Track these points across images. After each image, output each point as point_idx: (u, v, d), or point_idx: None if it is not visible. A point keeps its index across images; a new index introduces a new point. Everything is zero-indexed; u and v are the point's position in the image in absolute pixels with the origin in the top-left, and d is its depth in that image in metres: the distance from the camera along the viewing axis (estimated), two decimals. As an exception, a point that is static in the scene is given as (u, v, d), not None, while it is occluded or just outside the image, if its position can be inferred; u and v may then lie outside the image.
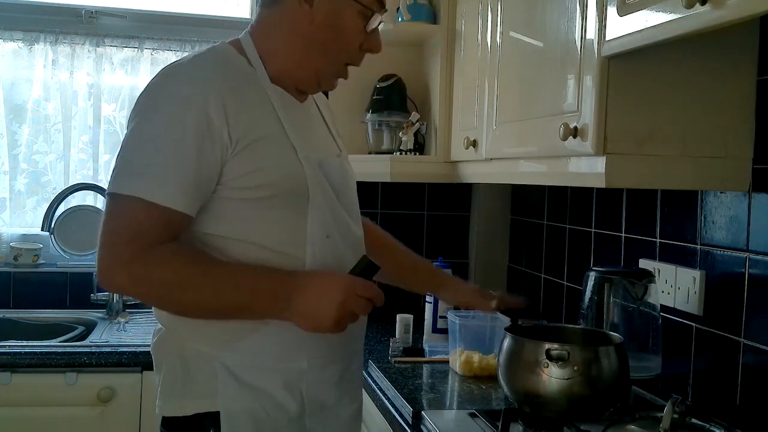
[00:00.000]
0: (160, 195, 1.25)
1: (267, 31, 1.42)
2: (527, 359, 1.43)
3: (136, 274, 1.25)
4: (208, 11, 3.01)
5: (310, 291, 1.28)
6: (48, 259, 2.83)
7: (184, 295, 1.27)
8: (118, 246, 1.25)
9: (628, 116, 1.44)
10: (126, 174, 1.28)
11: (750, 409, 1.54)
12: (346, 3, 1.37)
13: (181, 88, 1.29)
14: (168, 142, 1.27)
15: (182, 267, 1.26)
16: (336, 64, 1.44)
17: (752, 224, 1.54)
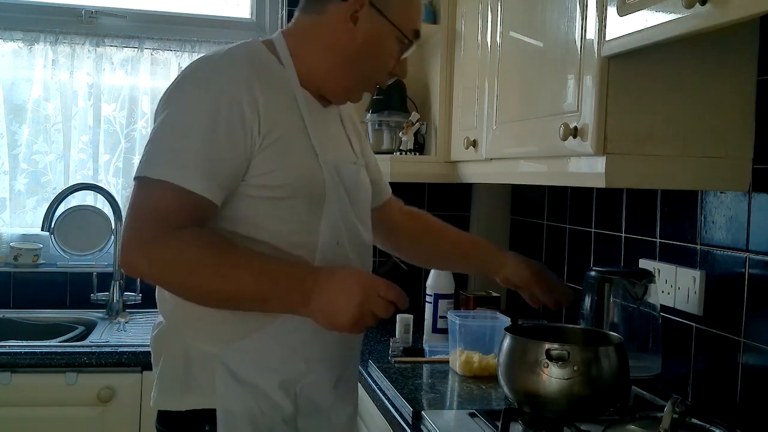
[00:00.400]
0: (189, 180, 1.25)
1: (303, 36, 1.43)
2: (527, 359, 1.43)
3: (156, 255, 1.24)
4: (208, 11, 3.01)
5: (330, 287, 1.26)
6: (48, 259, 2.83)
7: (202, 281, 1.25)
8: (141, 228, 1.25)
9: (628, 116, 1.44)
10: (156, 159, 1.28)
11: (750, 409, 1.54)
12: (388, 28, 1.40)
13: (216, 79, 1.31)
14: (201, 131, 1.28)
15: (202, 252, 1.25)
16: (365, 82, 1.48)
17: (752, 224, 1.54)
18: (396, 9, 1.41)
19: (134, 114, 2.89)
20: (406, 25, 1.42)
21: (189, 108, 1.31)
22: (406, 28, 1.42)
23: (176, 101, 1.33)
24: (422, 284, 2.55)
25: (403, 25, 1.41)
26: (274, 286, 1.26)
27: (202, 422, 1.35)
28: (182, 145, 1.28)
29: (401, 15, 1.41)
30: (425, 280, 2.44)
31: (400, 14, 1.41)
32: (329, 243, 1.38)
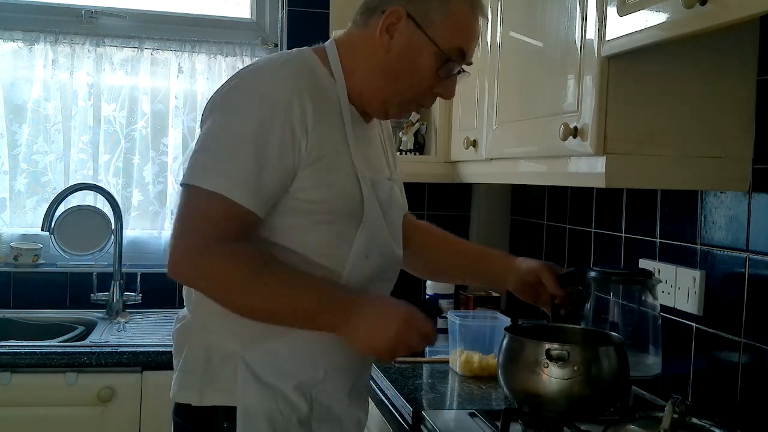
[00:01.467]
0: (240, 194, 1.27)
1: (351, 48, 1.43)
2: (527, 359, 1.43)
3: (206, 267, 1.27)
4: (208, 11, 3.01)
5: (374, 312, 1.32)
6: (48, 259, 2.83)
7: (249, 296, 1.30)
8: (188, 236, 1.27)
9: (628, 116, 1.44)
10: (208, 168, 1.29)
11: (750, 409, 1.54)
12: (425, 42, 1.37)
13: (269, 92, 1.31)
14: (253, 144, 1.28)
15: (251, 267, 1.28)
16: (404, 97, 1.44)
17: (752, 224, 1.54)
18: (437, 24, 1.37)
19: (134, 114, 2.89)
20: (448, 42, 1.38)
21: (243, 119, 1.30)
22: (446, 45, 1.37)
23: (229, 109, 1.33)
24: (422, 284, 2.55)
25: (444, 41, 1.37)
26: (319, 305, 1.31)
27: (221, 418, 1.36)
28: (234, 157, 1.29)
29: (443, 31, 1.37)
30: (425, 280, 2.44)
31: (441, 30, 1.37)
32: (359, 256, 1.40)
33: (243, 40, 2.94)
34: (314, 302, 1.31)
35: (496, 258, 1.73)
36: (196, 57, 2.91)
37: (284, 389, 1.37)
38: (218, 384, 1.37)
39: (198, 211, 1.29)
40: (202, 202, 1.28)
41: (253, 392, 1.36)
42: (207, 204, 1.28)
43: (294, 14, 2.89)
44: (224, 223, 1.27)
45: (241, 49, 2.92)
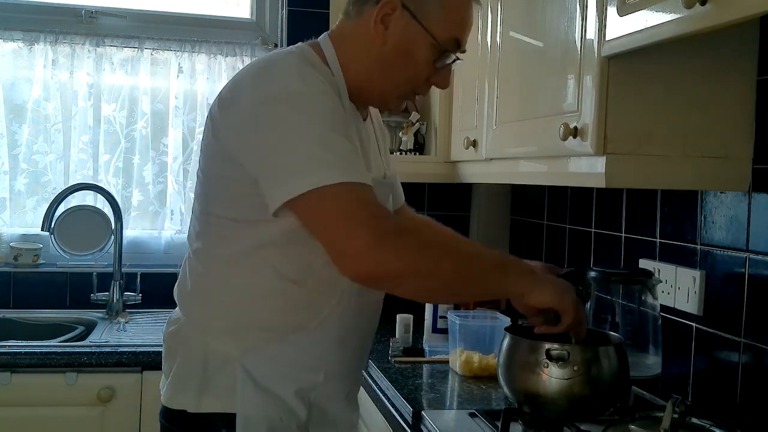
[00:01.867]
0: (358, 174, 1.23)
1: (345, 41, 1.40)
2: (527, 359, 1.43)
3: (400, 244, 1.20)
4: (208, 11, 3.01)
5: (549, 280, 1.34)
6: (48, 259, 2.83)
7: (452, 259, 1.25)
8: (361, 229, 1.18)
9: (628, 116, 1.44)
10: (315, 168, 1.21)
11: (750, 409, 1.54)
12: (421, 33, 1.35)
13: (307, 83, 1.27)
14: (330, 129, 1.24)
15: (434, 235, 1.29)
16: (401, 89, 1.42)
17: (752, 224, 1.54)
18: (433, 14, 1.35)
19: (134, 114, 2.89)
20: (444, 32, 1.35)
21: (298, 116, 1.23)
22: (442, 36, 1.35)
23: (276, 115, 1.24)
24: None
25: (440, 31, 1.35)
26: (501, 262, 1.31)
27: (219, 425, 1.34)
28: (324, 147, 1.22)
29: (439, 21, 1.35)
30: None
31: (437, 20, 1.35)
32: None
33: (243, 40, 2.94)
34: (499, 261, 1.30)
35: None
36: (196, 57, 2.91)
37: (284, 395, 1.36)
38: (216, 390, 1.34)
39: (346, 203, 1.20)
40: (337, 195, 1.20)
41: (252, 399, 1.34)
42: (344, 194, 1.20)
43: (294, 14, 2.89)
44: (374, 203, 1.23)
45: (241, 49, 2.92)
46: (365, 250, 1.18)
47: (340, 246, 1.20)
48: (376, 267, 1.20)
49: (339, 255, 1.20)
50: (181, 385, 1.37)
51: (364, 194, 1.23)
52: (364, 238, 1.18)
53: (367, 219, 1.20)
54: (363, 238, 1.18)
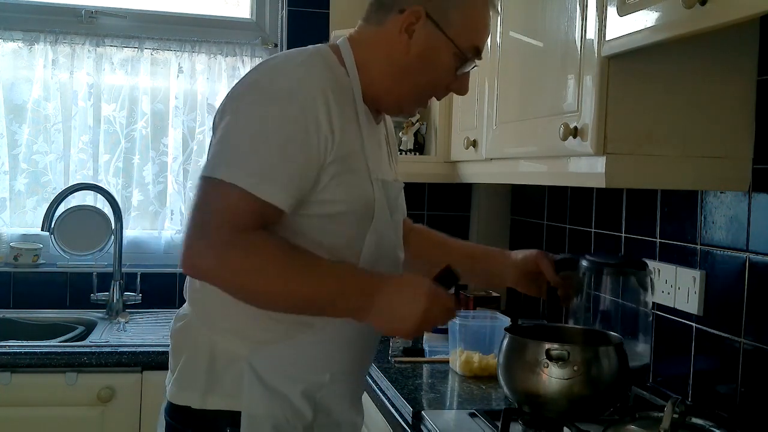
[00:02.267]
0: (262, 189, 1.24)
1: (365, 47, 1.40)
2: (527, 359, 1.43)
3: (225, 258, 1.23)
4: (208, 11, 3.01)
5: (397, 293, 1.28)
6: (48, 259, 2.83)
7: (271, 284, 1.26)
8: (208, 229, 1.23)
9: (628, 116, 1.44)
10: (229, 161, 1.26)
11: (750, 409, 1.54)
12: (444, 42, 1.36)
13: (295, 88, 1.29)
14: (277, 139, 1.26)
15: (274, 256, 1.25)
16: (420, 95, 1.44)
17: (752, 224, 1.54)
18: (456, 23, 1.36)
19: (134, 114, 2.89)
20: (466, 41, 1.37)
21: (267, 114, 1.28)
22: (464, 44, 1.37)
23: (252, 105, 1.30)
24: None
25: (462, 40, 1.36)
26: (342, 291, 1.28)
27: (224, 423, 1.33)
28: (258, 151, 1.26)
29: (461, 30, 1.36)
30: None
31: (459, 29, 1.36)
32: (369, 259, 1.38)
33: (243, 40, 2.94)
34: (335, 287, 1.27)
35: (492, 255, 1.72)
36: (196, 57, 2.91)
37: (291, 395, 1.35)
38: (222, 388, 1.34)
39: (219, 204, 1.25)
40: (224, 195, 1.24)
41: (259, 398, 1.33)
42: (229, 197, 1.24)
43: (294, 14, 2.89)
44: (246, 218, 1.24)
45: (241, 49, 2.92)
46: (197, 250, 1.23)
47: (188, 235, 1.24)
48: (192, 269, 1.25)
49: (185, 242, 1.25)
50: (186, 382, 1.37)
51: (248, 207, 1.23)
52: (200, 239, 1.23)
53: (217, 225, 1.23)
54: (200, 240, 1.23)
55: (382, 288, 1.28)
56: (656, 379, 1.85)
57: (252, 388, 1.33)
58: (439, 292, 1.31)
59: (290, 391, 1.35)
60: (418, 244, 1.72)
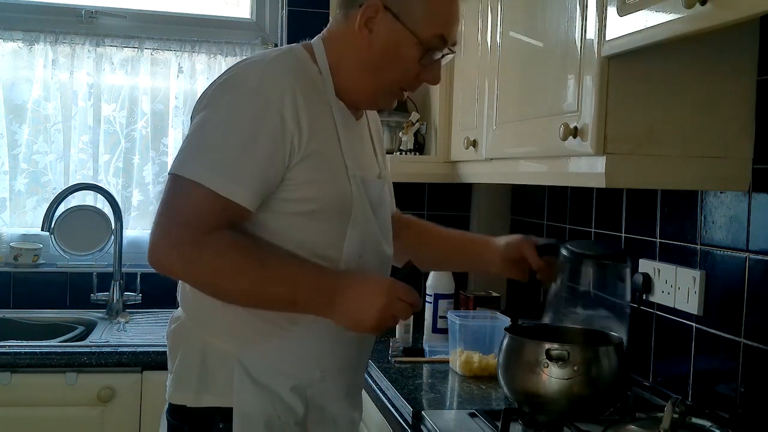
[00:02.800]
0: (226, 187, 1.26)
1: (335, 44, 1.42)
2: (527, 359, 1.43)
3: (190, 258, 1.26)
4: (208, 11, 3.01)
5: (355, 292, 1.31)
6: (48, 259, 2.83)
7: (235, 284, 1.29)
8: (176, 228, 1.26)
9: (628, 116, 1.44)
10: (195, 159, 1.29)
11: (750, 409, 1.54)
12: (405, 34, 1.36)
13: (261, 86, 1.30)
14: (242, 137, 1.28)
15: (237, 255, 1.28)
16: (391, 88, 1.44)
17: (752, 224, 1.54)
18: (416, 14, 1.35)
19: (134, 114, 2.89)
20: (428, 30, 1.36)
21: (233, 112, 1.30)
22: (427, 34, 1.36)
23: (220, 103, 1.33)
24: (422, 284, 2.55)
25: (424, 31, 1.36)
26: (303, 289, 1.31)
27: (217, 419, 1.36)
28: (223, 149, 1.28)
29: (423, 20, 1.36)
30: (425, 280, 2.44)
31: (421, 20, 1.36)
32: (353, 256, 1.39)
33: (243, 40, 2.94)
34: (295, 285, 1.30)
35: (478, 243, 1.74)
36: (196, 57, 2.91)
37: (281, 391, 1.37)
38: (214, 386, 1.37)
39: (184, 202, 1.27)
40: (189, 193, 1.27)
41: (249, 395, 1.36)
42: (194, 196, 1.26)
43: (294, 14, 2.89)
44: (211, 215, 1.26)
45: (241, 49, 2.92)
46: (161, 249, 1.27)
47: (153, 233, 1.27)
48: (157, 266, 1.28)
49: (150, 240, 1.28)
50: (181, 382, 1.40)
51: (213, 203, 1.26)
52: (167, 238, 1.26)
53: (181, 223, 1.26)
54: (165, 238, 1.26)
55: (342, 286, 1.31)
56: (656, 379, 1.85)
57: (242, 386, 1.35)
58: (398, 287, 1.33)
59: (280, 388, 1.37)
60: (408, 236, 1.72)
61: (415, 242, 1.72)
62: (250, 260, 1.29)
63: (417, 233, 1.74)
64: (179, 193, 1.28)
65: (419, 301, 1.35)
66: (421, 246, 1.74)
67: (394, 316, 1.33)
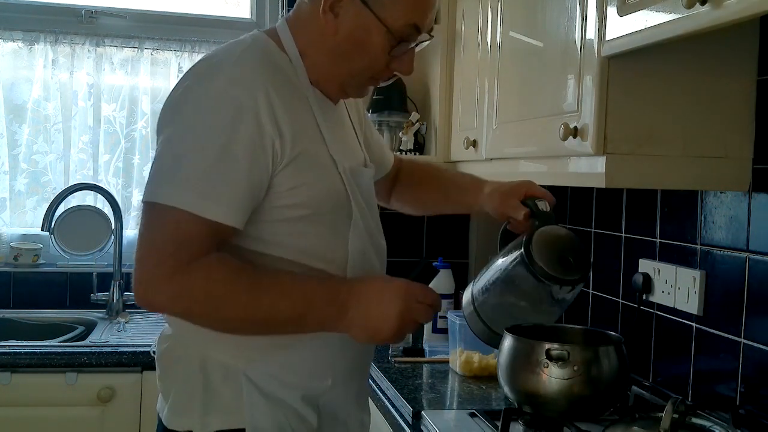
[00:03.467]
0: (208, 208, 1.16)
1: (301, 27, 1.31)
2: (527, 359, 1.43)
3: (179, 289, 1.16)
4: (208, 11, 3.01)
5: (368, 299, 1.21)
6: (48, 259, 2.83)
7: (232, 311, 1.19)
8: (159, 261, 1.15)
9: (628, 116, 1.44)
10: (168, 182, 1.17)
11: (750, 409, 1.54)
12: (374, 22, 1.24)
13: (230, 89, 1.19)
14: (218, 151, 1.16)
15: (229, 280, 1.18)
16: (359, 78, 1.34)
17: (752, 224, 1.54)
18: (386, 0, 1.24)
19: (134, 114, 2.89)
20: (399, 19, 1.25)
21: (202, 123, 1.18)
22: (398, 23, 1.25)
23: (186, 113, 1.21)
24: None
25: (395, 19, 1.24)
26: (308, 305, 1.21)
27: None
28: (198, 167, 1.16)
29: (392, 8, 1.24)
30: (425, 280, 2.44)
31: (391, 7, 1.24)
32: (357, 253, 1.32)
33: (242, 39, 2.94)
34: (305, 303, 1.20)
35: (468, 190, 1.58)
36: (196, 57, 2.89)
37: (292, 402, 1.28)
38: (222, 405, 1.26)
39: (164, 230, 1.16)
40: (167, 220, 1.16)
41: (261, 410, 1.26)
42: (173, 222, 1.15)
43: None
44: (195, 241, 1.16)
45: (241, 49, 2.92)
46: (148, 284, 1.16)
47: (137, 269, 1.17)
48: (148, 305, 1.19)
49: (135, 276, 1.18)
50: (183, 406, 1.29)
51: (196, 229, 1.16)
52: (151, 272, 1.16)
53: (166, 255, 1.15)
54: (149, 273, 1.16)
55: (352, 295, 1.21)
56: (656, 379, 1.85)
57: (253, 402, 1.26)
58: (414, 288, 1.24)
59: (292, 400, 1.29)
60: (411, 185, 1.66)
61: (418, 191, 1.66)
62: (246, 283, 1.19)
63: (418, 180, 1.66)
64: (158, 223, 1.17)
65: (439, 300, 1.27)
66: (416, 192, 1.66)
67: (415, 321, 1.24)
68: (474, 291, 1.52)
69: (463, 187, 1.60)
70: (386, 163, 1.66)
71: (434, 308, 1.27)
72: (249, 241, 1.25)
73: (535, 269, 1.37)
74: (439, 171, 1.70)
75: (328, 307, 1.21)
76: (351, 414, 1.40)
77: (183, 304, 1.19)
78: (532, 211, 1.43)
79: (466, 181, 1.62)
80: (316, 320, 1.22)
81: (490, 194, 1.51)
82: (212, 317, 1.21)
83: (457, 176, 1.68)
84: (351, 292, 1.22)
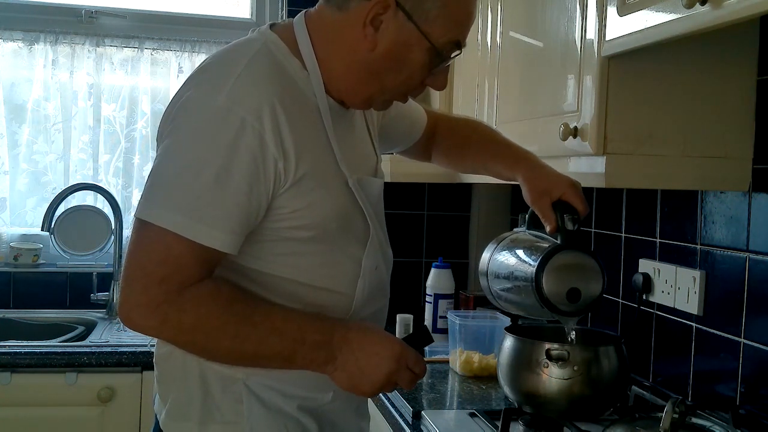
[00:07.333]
0: (202, 233, 1.10)
1: (326, 35, 1.22)
2: (527, 359, 1.43)
3: (168, 317, 1.12)
4: (208, 11, 3.01)
5: (360, 350, 1.19)
6: (48, 259, 2.83)
7: (220, 343, 1.16)
8: (148, 284, 1.11)
9: (628, 116, 1.44)
10: (162, 201, 1.12)
11: (750, 409, 1.54)
12: (417, 37, 1.17)
13: (234, 108, 1.12)
14: (216, 172, 1.10)
15: (220, 312, 1.14)
16: (392, 93, 1.26)
17: (752, 224, 1.54)
18: (432, 15, 1.16)
19: (134, 114, 2.89)
20: (444, 35, 1.18)
21: (203, 140, 1.12)
22: (442, 38, 1.18)
23: (185, 128, 1.14)
24: (422, 284, 2.55)
25: (439, 35, 1.18)
26: (298, 345, 1.17)
27: None
28: (194, 188, 1.11)
29: (439, 23, 1.17)
30: (425, 280, 2.44)
31: (437, 22, 1.17)
32: (369, 272, 1.29)
33: (243, 39, 2.94)
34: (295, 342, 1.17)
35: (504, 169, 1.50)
36: (196, 57, 2.91)
37: (292, 411, 1.26)
38: (221, 415, 1.24)
39: (153, 252, 1.11)
40: (158, 241, 1.11)
41: (263, 420, 1.24)
42: (166, 245, 1.10)
43: (294, 14, 2.88)
44: (186, 268, 1.11)
45: (241, 49, 2.92)
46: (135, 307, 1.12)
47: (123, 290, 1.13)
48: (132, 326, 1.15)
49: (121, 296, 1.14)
50: (181, 413, 1.26)
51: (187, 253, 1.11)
52: (136, 297, 1.12)
53: (154, 279, 1.11)
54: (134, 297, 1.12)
55: (345, 343, 1.18)
56: (656, 379, 1.85)
57: (253, 412, 1.23)
58: (409, 354, 1.21)
59: (292, 408, 1.27)
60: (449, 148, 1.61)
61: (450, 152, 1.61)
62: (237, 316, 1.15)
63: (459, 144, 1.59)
64: (149, 243, 1.12)
65: (425, 372, 1.24)
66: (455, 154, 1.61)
67: (396, 384, 1.21)
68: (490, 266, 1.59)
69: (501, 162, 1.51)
70: (415, 133, 1.59)
71: (419, 378, 1.24)
72: (248, 259, 1.21)
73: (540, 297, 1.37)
74: (478, 135, 1.57)
75: (317, 351, 1.18)
76: (350, 422, 1.38)
77: (168, 333, 1.17)
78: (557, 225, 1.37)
79: (506, 155, 1.51)
80: (303, 361, 1.19)
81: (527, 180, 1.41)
82: (198, 347, 1.19)
83: (499, 147, 1.54)
84: (345, 340, 1.19)
